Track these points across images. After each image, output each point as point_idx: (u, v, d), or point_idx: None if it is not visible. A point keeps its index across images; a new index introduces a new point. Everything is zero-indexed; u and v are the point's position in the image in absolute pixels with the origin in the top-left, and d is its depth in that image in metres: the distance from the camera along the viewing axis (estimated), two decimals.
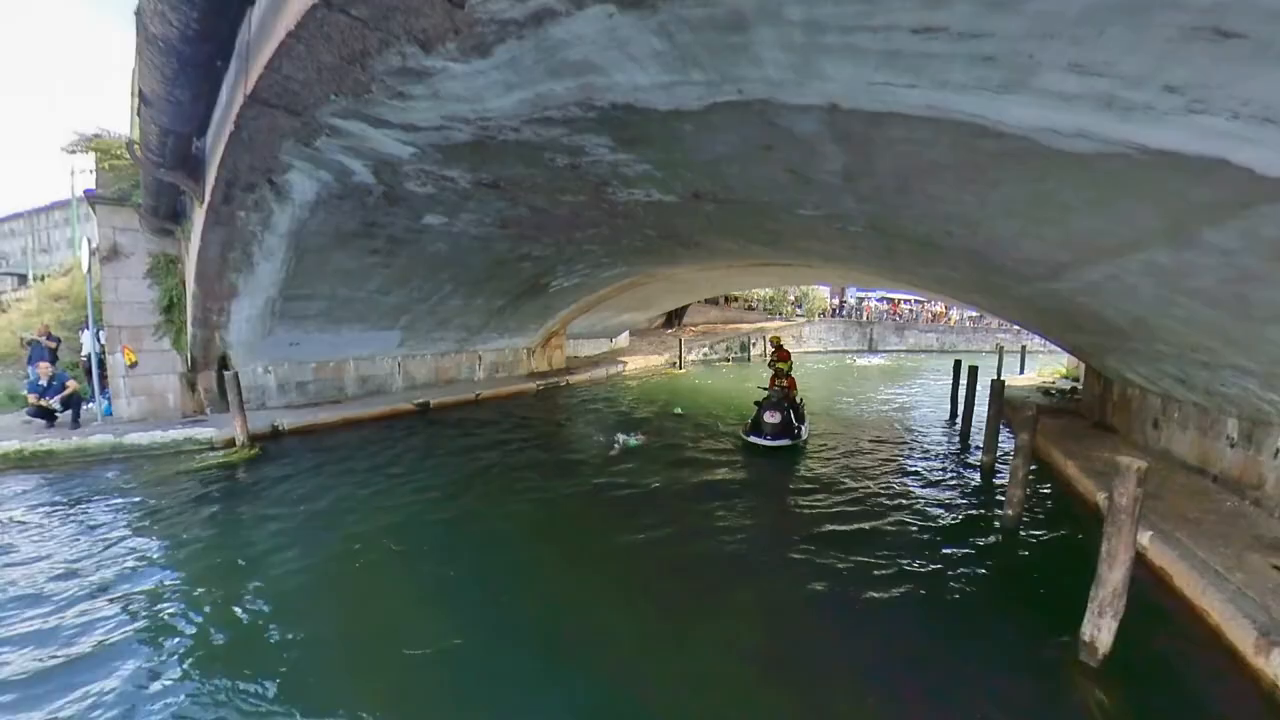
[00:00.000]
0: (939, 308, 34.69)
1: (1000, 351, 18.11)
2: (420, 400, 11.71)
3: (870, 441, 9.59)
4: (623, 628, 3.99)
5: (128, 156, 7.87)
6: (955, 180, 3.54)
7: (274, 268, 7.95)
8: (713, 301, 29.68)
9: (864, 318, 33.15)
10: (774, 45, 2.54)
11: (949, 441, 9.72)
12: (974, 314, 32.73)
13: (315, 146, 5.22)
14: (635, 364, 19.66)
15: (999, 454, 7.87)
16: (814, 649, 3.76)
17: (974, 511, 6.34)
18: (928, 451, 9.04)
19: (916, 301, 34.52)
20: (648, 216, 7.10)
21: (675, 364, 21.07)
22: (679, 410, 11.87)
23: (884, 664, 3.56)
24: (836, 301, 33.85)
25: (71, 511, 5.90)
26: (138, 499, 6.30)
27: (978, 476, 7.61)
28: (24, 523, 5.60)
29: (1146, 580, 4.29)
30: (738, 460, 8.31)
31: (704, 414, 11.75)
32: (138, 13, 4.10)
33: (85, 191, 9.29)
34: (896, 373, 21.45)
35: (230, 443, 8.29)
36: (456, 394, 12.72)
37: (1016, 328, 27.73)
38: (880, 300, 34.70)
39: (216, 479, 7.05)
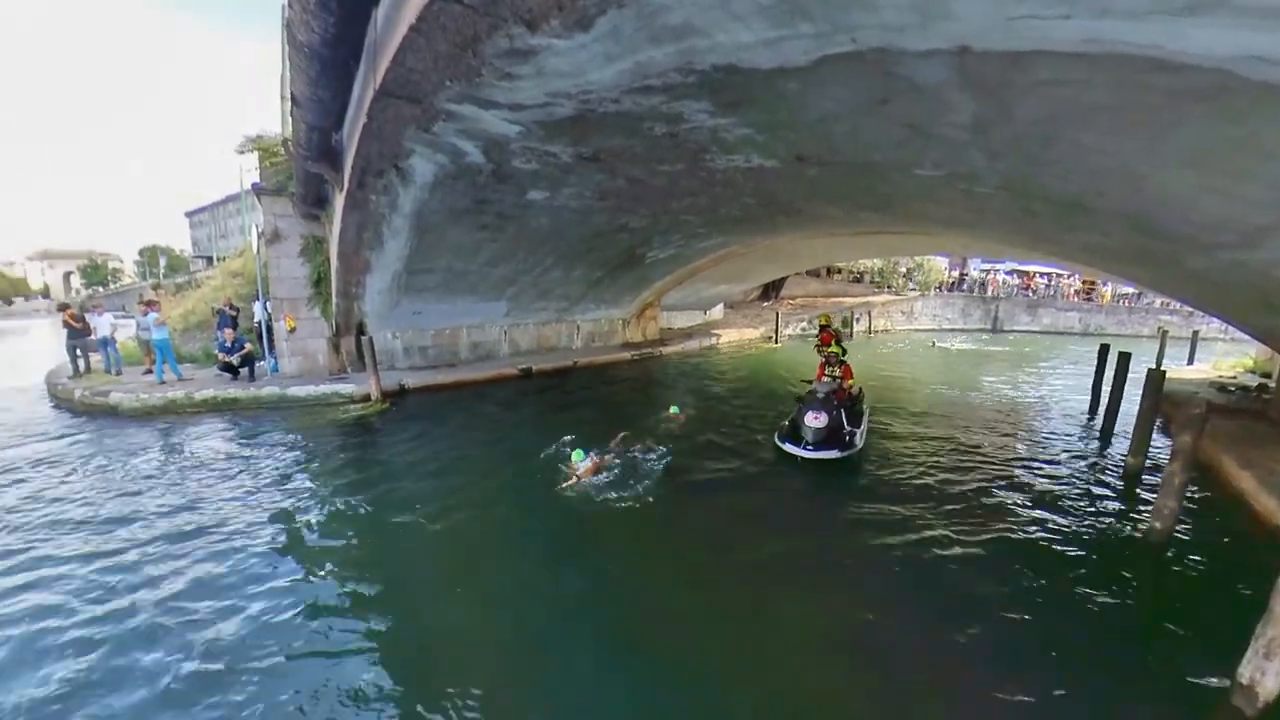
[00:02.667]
0: (1079, 282, 29.82)
1: (1163, 337, 14.97)
2: (524, 365, 12.57)
3: (977, 435, 8.68)
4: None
5: (283, 153, 9.08)
6: (1114, 127, 3.02)
7: (399, 245, 8.83)
8: (814, 273, 28.19)
9: (988, 292, 29.51)
10: None
11: (1085, 440, 8.50)
12: (1129, 291, 27.88)
13: (433, 131, 5.64)
14: (729, 337, 19.36)
15: (1149, 459, 6.76)
16: (922, 673, 3.42)
17: (1111, 523, 5.54)
18: (1055, 449, 7.98)
19: (1055, 275, 30.04)
20: (747, 183, 6.86)
21: (771, 338, 20.42)
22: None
23: (1002, 695, 3.20)
24: (956, 274, 30.51)
25: (256, 442, 7.79)
26: (301, 438, 7.99)
27: (1119, 483, 6.59)
28: (224, 448, 7.56)
29: None
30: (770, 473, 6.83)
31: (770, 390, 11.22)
32: (286, 24, 4.71)
33: (252, 185, 10.92)
34: (992, 360, 17.90)
35: (366, 397, 9.66)
36: (556, 361, 13.45)
37: (1186, 309, 23.15)
38: (1010, 274, 30.73)
39: (357, 426, 8.67)
